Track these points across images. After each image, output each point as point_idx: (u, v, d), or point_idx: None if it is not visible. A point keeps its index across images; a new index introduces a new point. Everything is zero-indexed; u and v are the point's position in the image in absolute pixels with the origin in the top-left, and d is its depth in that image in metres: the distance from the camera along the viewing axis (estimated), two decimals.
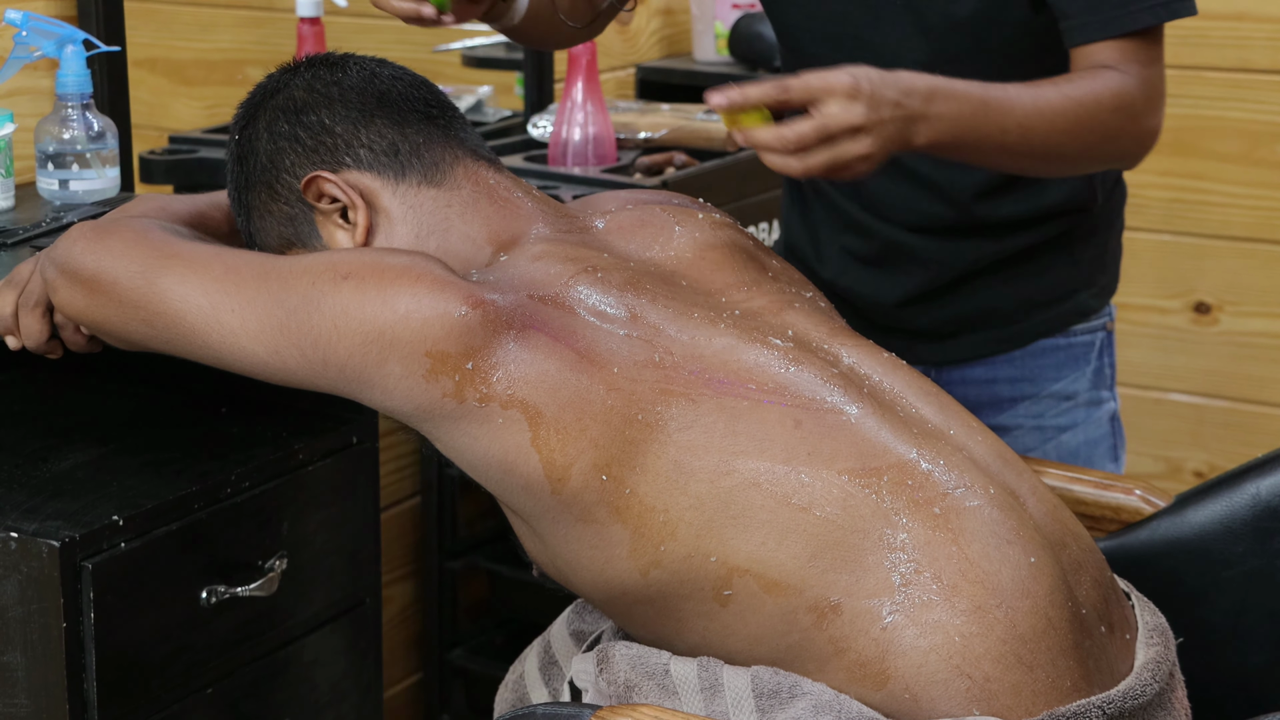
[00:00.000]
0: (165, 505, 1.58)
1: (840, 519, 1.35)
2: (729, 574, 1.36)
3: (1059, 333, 1.89)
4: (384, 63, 1.60)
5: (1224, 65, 2.78)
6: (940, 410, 1.47)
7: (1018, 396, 1.90)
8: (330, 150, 1.54)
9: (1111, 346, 1.94)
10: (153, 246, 1.48)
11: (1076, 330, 1.90)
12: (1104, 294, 1.92)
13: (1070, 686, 1.35)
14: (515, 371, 1.37)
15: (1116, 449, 1.96)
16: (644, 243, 1.54)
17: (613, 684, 1.40)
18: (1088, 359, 1.91)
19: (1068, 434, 1.90)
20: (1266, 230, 2.81)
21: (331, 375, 1.41)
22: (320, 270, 1.41)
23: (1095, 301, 1.91)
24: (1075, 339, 1.90)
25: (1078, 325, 1.90)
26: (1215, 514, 1.60)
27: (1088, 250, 1.89)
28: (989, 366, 1.90)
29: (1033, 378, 1.89)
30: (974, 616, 1.33)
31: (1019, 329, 1.88)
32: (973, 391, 1.90)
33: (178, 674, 1.60)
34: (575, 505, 1.38)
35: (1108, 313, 1.93)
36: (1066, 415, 1.90)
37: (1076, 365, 1.90)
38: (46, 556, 1.49)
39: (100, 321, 1.51)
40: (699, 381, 1.39)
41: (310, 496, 1.72)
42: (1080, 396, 1.91)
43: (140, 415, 1.78)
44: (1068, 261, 1.88)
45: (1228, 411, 2.88)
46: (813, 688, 1.34)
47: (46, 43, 1.89)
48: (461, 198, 1.53)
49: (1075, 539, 1.45)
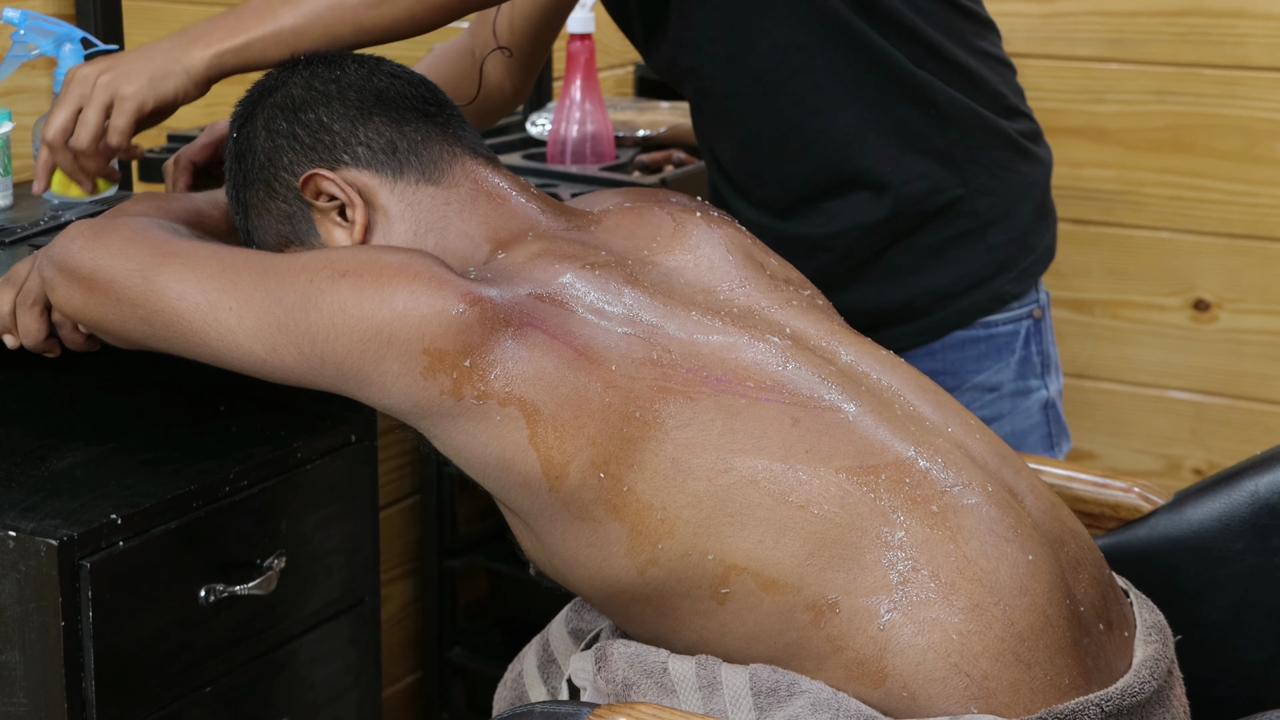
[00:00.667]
0: (164, 504, 1.58)
1: (838, 517, 1.35)
2: (726, 572, 1.36)
3: (975, 323, 1.87)
4: (382, 61, 1.60)
5: (1222, 63, 2.78)
6: (938, 408, 1.47)
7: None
8: (328, 148, 1.54)
9: (1041, 334, 1.91)
10: (150, 245, 1.48)
11: (995, 321, 1.88)
12: (1025, 277, 1.89)
13: (1069, 684, 1.35)
14: (513, 369, 1.37)
15: (1052, 437, 1.93)
16: (642, 240, 1.54)
17: (611, 682, 1.40)
18: (1011, 349, 1.89)
19: (993, 425, 1.88)
20: (1265, 227, 2.80)
21: (329, 373, 1.41)
22: (318, 268, 1.41)
23: (1014, 287, 1.88)
24: (996, 330, 1.88)
25: (996, 315, 1.88)
26: (1214, 511, 1.60)
27: (999, 235, 1.87)
28: (909, 360, 1.89)
29: (954, 370, 1.87)
30: (972, 614, 1.33)
31: (931, 321, 1.87)
32: None
33: (176, 672, 1.60)
34: (573, 503, 1.38)
35: (1034, 299, 1.90)
36: (991, 407, 1.89)
37: (999, 356, 1.88)
38: (45, 555, 1.49)
39: (98, 320, 1.51)
40: (697, 379, 1.39)
41: (309, 495, 1.72)
42: (1005, 388, 1.89)
43: (138, 414, 1.78)
44: (979, 249, 1.86)
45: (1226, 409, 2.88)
46: (811, 686, 1.34)
47: (44, 41, 1.89)
48: (460, 196, 1.53)
49: (1074, 536, 1.45)
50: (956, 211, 1.84)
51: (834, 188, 1.84)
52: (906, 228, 1.84)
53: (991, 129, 1.85)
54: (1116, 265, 2.89)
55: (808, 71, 1.79)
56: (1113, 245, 2.89)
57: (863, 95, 1.80)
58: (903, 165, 1.82)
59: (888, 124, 1.81)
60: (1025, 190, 1.89)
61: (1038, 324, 1.90)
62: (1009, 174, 1.87)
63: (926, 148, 1.82)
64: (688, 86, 1.87)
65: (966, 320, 1.87)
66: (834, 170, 1.83)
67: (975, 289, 1.86)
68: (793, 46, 1.78)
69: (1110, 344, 2.93)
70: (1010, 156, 1.87)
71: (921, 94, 1.81)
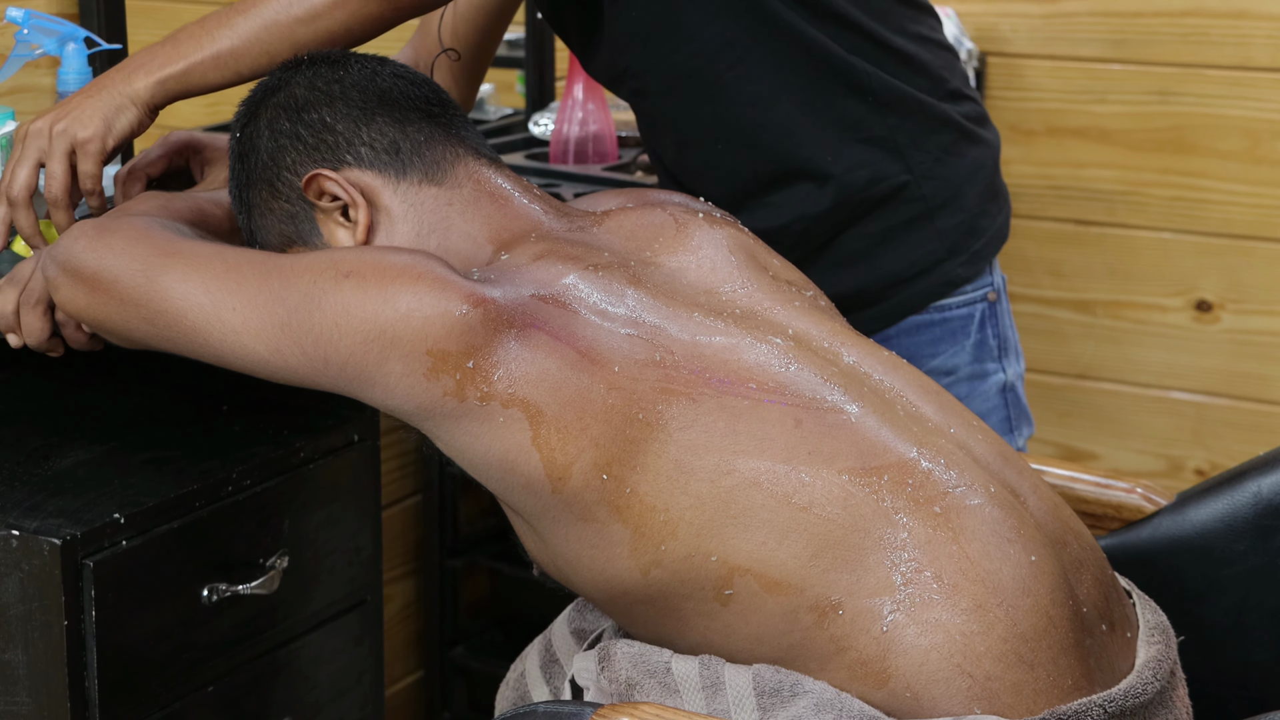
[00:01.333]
0: (167, 503, 1.58)
1: (841, 518, 1.35)
2: (730, 573, 1.36)
3: (927, 307, 1.87)
4: (385, 61, 1.60)
5: (1225, 63, 2.78)
6: (940, 409, 1.47)
7: None
8: (331, 148, 1.54)
9: (997, 316, 1.90)
10: (154, 244, 1.49)
11: (949, 305, 1.87)
12: (977, 260, 1.88)
13: (1071, 685, 1.35)
14: (516, 370, 1.37)
15: (1011, 420, 1.93)
16: (645, 241, 1.54)
17: (614, 682, 1.40)
18: (966, 332, 1.88)
19: None
20: (1268, 228, 2.81)
21: (332, 373, 1.41)
22: (321, 268, 1.41)
23: (965, 270, 1.87)
24: (950, 314, 1.87)
25: (949, 299, 1.87)
26: (1217, 512, 1.60)
27: (950, 218, 1.86)
28: None
29: (910, 355, 1.86)
30: (975, 615, 1.33)
31: (885, 308, 1.86)
32: None
33: (179, 672, 1.60)
34: (576, 504, 1.38)
35: (987, 282, 1.90)
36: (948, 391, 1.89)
37: (954, 339, 1.88)
38: (48, 554, 1.49)
39: (101, 319, 1.51)
40: (699, 380, 1.39)
41: (311, 494, 1.72)
42: (961, 371, 1.89)
43: (141, 413, 1.78)
44: (928, 233, 1.85)
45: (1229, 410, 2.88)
46: (814, 686, 1.34)
47: (48, 40, 1.89)
48: (463, 196, 1.53)
49: (1076, 537, 1.46)
50: (903, 197, 1.84)
51: (777, 180, 1.83)
52: (853, 216, 1.84)
53: (933, 113, 1.85)
54: (1119, 266, 2.89)
55: (741, 65, 1.79)
56: (1115, 246, 2.89)
57: (799, 86, 1.80)
58: (844, 154, 1.82)
59: (826, 114, 1.81)
60: (972, 173, 1.88)
61: (993, 307, 1.90)
62: (953, 158, 1.86)
63: (867, 135, 1.82)
64: (625, 88, 1.87)
65: (919, 305, 1.87)
66: (775, 164, 1.82)
67: (926, 273, 1.86)
68: (724, 41, 1.78)
69: (1112, 344, 2.93)
70: (954, 140, 1.86)
71: (859, 81, 1.81)
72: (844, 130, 1.82)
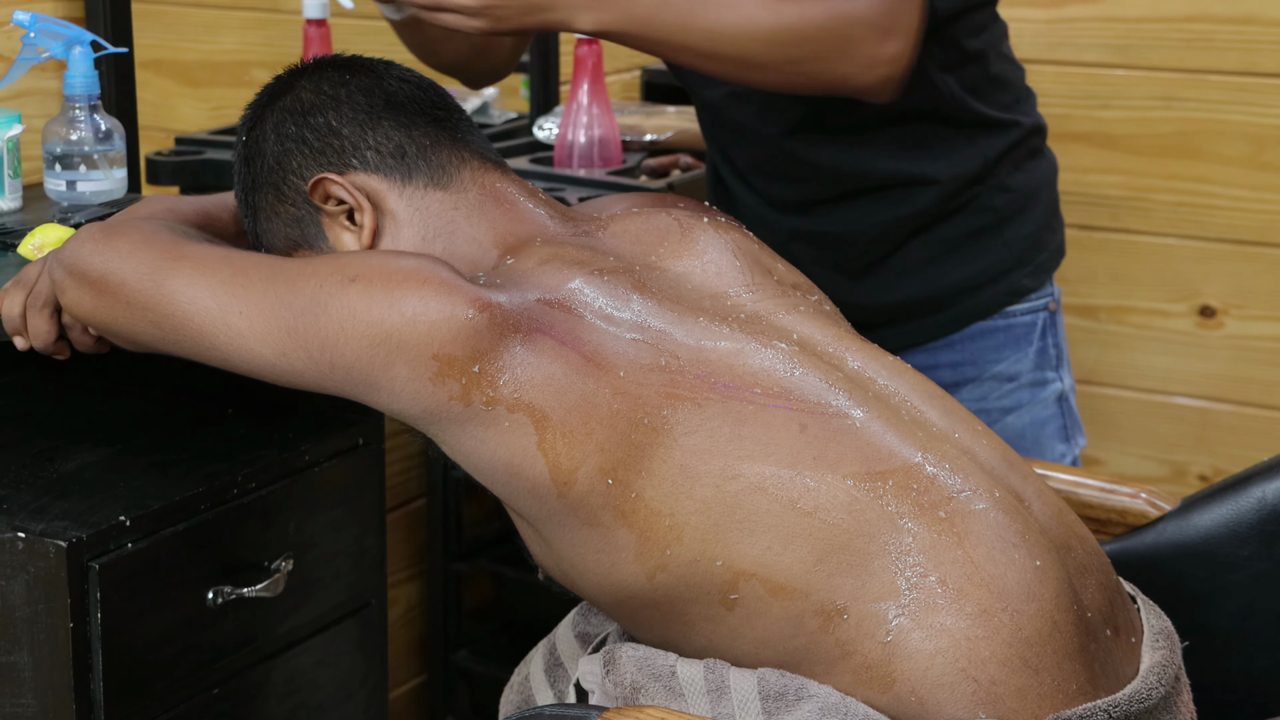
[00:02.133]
0: (172, 506, 1.58)
1: (846, 523, 1.35)
2: (735, 578, 1.36)
3: (994, 314, 1.88)
4: (391, 65, 1.60)
5: (1230, 69, 2.78)
6: (945, 413, 1.47)
7: (960, 381, 1.90)
8: (337, 152, 1.54)
9: (1056, 326, 1.93)
10: (160, 248, 1.49)
11: (1014, 311, 1.89)
12: (1041, 272, 1.91)
13: (1076, 690, 1.35)
14: (522, 375, 1.37)
15: (1067, 429, 1.94)
16: (649, 246, 1.54)
17: (619, 685, 1.40)
18: (1029, 339, 1.90)
19: (1012, 416, 1.90)
20: (1272, 234, 2.80)
21: (338, 378, 1.41)
22: (327, 273, 1.41)
23: (1031, 281, 1.90)
24: (1014, 320, 1.89)
25: (1014, 306, 1.89)
26: (1221, 517, 1.60)
27: (1019, 229, 1.88)
28: (928, 353, 1.90)
29: (974, 360, 1.88)
30: (980, 620, 1.33)
31: (953, 314, 1.88)
32: None
33: (184, 674, 1.61)
34: (581, 509, 1.38)
35: (1049, 292, 1.92)
36: (1010, 397, 1.90)
37: (1018, 346, 1.90)
38: (54, 556, 1.50)
39: (108, 322, 1.51)
40: (705, 385, 1.39)
41: (316, 498, 1.72)
42: (1023, 378, 1.90)
43: (147, 416, 1.79)
44: (998, 244, 1.87)
45: (1233, 415, 2.88)
46: (819, 690, 1.34)
47: (54, 44, 1.89)
48: (468, 201, 1.53)
49: (1081, 542, 1.46)
50: (974, 207, 1.86)
51: (855, 192, 1.84)
52: (926, 223, 1.85)
53: (1011, 128, 1.87)
54: (1122, 271, 2.89)
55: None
56: (1119, 251, 2.89)
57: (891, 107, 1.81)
58: (923, 164, 1.83)
59: (911, 129, 1.82)
60: (1040, 187, 1.92)
61: (1053, 316, 1.92)
62: (1024, 172, 1.89)
63: (946, 148, 1.83)
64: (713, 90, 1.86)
65: (987, 312, 1.89)
66: (858, 178, 1.83)
67: (994, 282, 1.88)
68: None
69: (1116, 350, 2.92)
70: (1026, 154, 1.89)
71: (951, 98, 1.82)
72: (925, 142, 1.82)
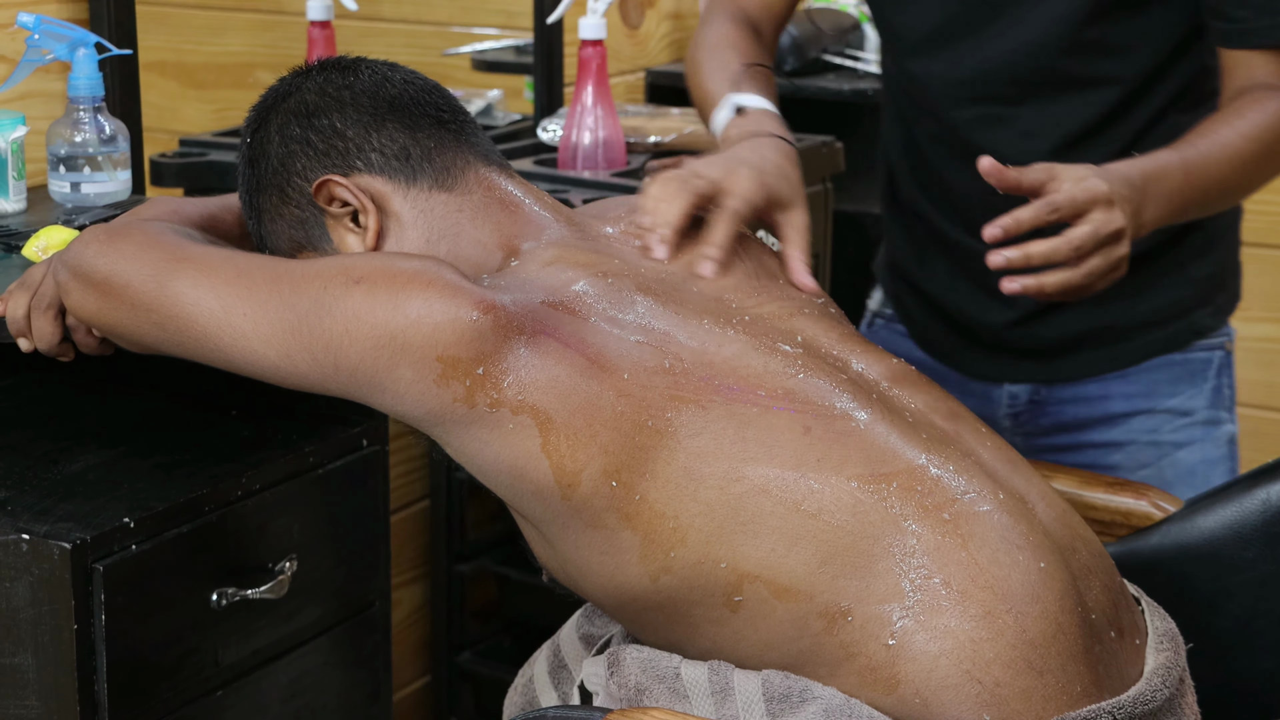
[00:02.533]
0: (176, 507, 1.58)
1: (850, 525, 1.35)
2: (739, 580, 1.36)
3: (1175, 349, 1.87)
4: (395, 66, 1.60)
5: None
6: (949, 416, 1.47)
7: (1132, 411, 1.88)
8: (341, 154, 1.54)
9: (1230, 368, 1.91)
10: (165, 249, 1.49)
11: (1193, 346, 1.88)
12: (1220, 313, 1.90)
13: (1080, 692, 1.35)
14: (526, 377, 1.37)
15: (1233, 474, 1.91)
16: None
17: (624, 687, 1.40)
18: (1205, 376, 1.88)
19: (1184, 451, 1.88)
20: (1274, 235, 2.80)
21: (343, 379, 1.41)
22: (332, 274, 1.41)
23: (1211, 321, 1.89)
24: (1192, 354, 1.88)
25: (1195, 342, 1.88)
26: (1225, 519, 1.60)
27: (1201, 268, 1.87)
28: (1102, 383, 1.88)
29: (1148, 393, 1.87)
30: (984, 622, 1.33)
31: (1132, 347, 1.87)
32: (1084, 408, 1.88)
33: (188, 676, 1.61)
34: (585, 511, 1.38)
35: (1226, 333, 1.91)
36: (1183, 432, 1.88)
37: (1194, 382, 1.88)
38: (58, 558, 1.50)
39: (112, 324, 1.51)
40: (709, 388, 1.39)
41: (320, 499, 1.72)
42: (1198, 414, 1.88)
43: (151, 418, 1.79)
44: (1181, 281, 1.86)
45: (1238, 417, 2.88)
46: (823, 692, 1.34)
47: (58, 46, 1.89)
48: (472, 203, 1.53)
49: (1085, 544, 1.46)
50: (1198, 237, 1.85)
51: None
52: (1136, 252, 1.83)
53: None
54: None
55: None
56: None
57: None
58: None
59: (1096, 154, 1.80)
60: (1227, 228, 1.90)
61: (1228, 356, 1.90)
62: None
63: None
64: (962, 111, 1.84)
65: (1165, 349, 1.87)
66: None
67: (1176, 319, 1.87)
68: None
69: None
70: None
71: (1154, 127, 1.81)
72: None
